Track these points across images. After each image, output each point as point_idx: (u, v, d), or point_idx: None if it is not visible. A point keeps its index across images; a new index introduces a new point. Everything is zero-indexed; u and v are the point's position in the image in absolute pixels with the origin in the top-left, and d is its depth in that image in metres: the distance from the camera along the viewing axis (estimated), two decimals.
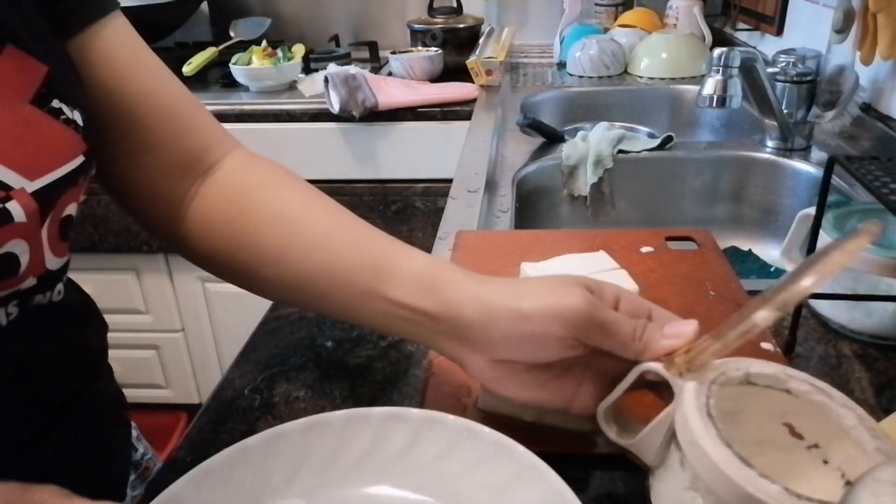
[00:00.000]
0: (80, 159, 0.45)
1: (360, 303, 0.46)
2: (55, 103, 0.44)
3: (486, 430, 0.44)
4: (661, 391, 0.39)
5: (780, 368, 0.37)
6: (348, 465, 0.45)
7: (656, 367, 0.38)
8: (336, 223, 0.53)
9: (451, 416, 0.45)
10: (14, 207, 0.40)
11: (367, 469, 0.45)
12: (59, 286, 0.47)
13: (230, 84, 1.68)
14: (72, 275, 0.54)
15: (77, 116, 0.46)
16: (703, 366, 0.36)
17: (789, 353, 0.59)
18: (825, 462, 0.35)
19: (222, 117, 1.55)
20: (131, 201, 0.54)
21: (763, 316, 0.33)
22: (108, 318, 0.60)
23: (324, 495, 0.44)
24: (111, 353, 0.58)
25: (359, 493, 0.44)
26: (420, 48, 1.72)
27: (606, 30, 1.77)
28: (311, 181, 0.55)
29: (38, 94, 0.43)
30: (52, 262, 0.45)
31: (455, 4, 1.80)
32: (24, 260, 0.42)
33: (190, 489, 0.41)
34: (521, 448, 0.43)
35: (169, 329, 1.82)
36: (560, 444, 0.49)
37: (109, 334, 0.58)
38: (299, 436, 0.44)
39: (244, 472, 0.43)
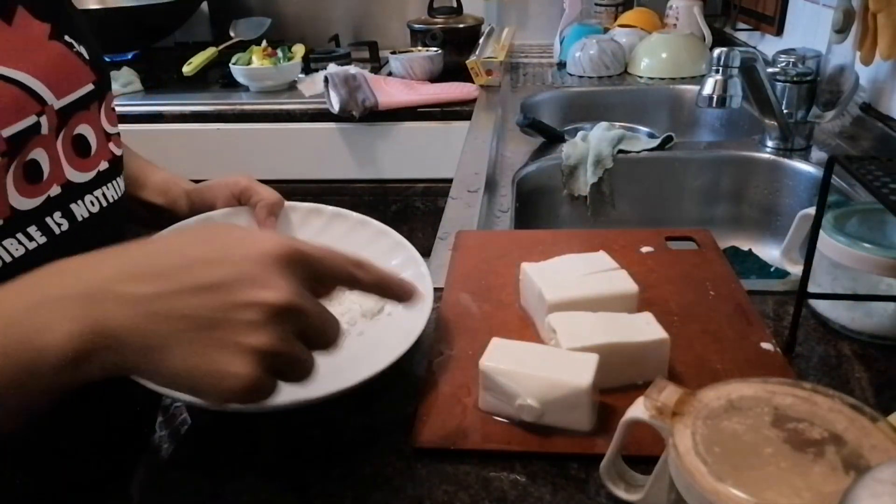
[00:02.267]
0: (89, 86, 0.55)
1: (131, 206, 0.67)
2: (66, 38, 0.54)
3: (375, 221, 0.71)
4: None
5: (760, 386, 0.37)
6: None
7: (643, 416, 0.38)
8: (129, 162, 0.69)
9: (352, 213, 0.72)
10: (44, 121, 0.49)
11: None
12: (90, 198, 0.54)
13: (230, 84, 1.68)
14: None
15: (83, 50, 0.56)
16: (686, 404, 0.36)
17: (789, 353, 0.59)
18: (828, 464, 0.34)
19: (222, 117, 1.56)
20: None
21: None
22: None
23: None
24: None
25: None
26: (420, 48, 1.72)
27: (606, 30, 1.77)
28: (312, 181, 0.61)
29: (53, 32, 0.53)
30: (73, 175, 0.53)
31: (455, 4, 1.80)
32: (46, 168, 0.50)
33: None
34: (394, 233, 0.69)
35: None
36: (560, 444, 0.49)
37: None
38: (246, 213, 0.68)
39: None
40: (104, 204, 0.56)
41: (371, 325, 0.63)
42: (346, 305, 0.64)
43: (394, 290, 0.44)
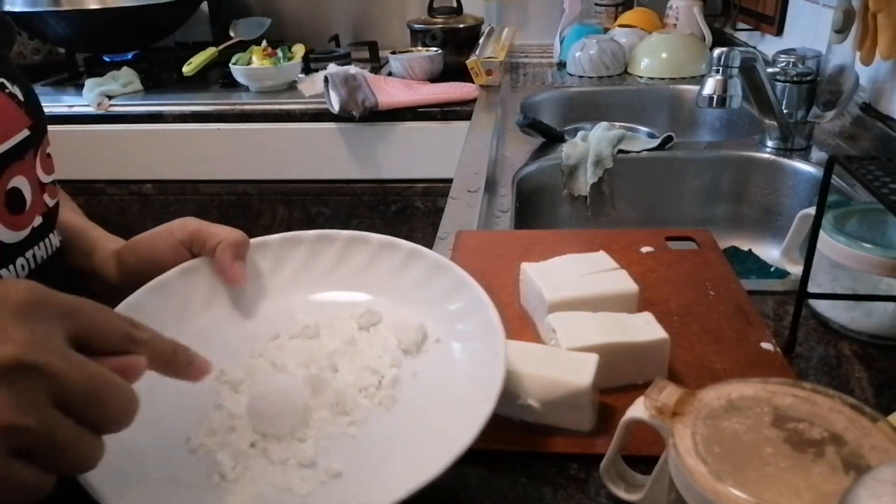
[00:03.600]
0: (24, 133, 0.48)
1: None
2: None
3: (403, 241, 0.55)
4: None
5: (760, 386, 0.37)
6: (255, 286, 0.55)
7: (643, 416, 0.38)
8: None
9: (373, 235, 0.56)
10: None
11: (273, 287, 0.56)
12: (21, 260, 0.48)
13: (230, 84, 1.68)
14: None
15: (17, 91, 0.48)
16: (686, 404, 0.36)
17: (789, 353, 0.59)
18: (828, 464, 0.35)
19: (222, 117, 1.56)
20: None
21: None
22: None
23: (271, 303, 0.55)
24: None
25: (304, 300, 0.55)
26: (420, 48, 1.72)
27: (606, 30, 1.76)
28: (312, 181, 0.59)
29: None
30: (7, 235, 0.46)
31: (455, 4, 1.80)
32: None
33: (148, 298, 0.50)
34: (430, 252, 0.55)
35: None
36: (560, 444, 0.49)
37: None
38: (207, 268, 0.54)
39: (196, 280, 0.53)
40: (33, 266, 0.49)
41: (421, 360, 0.51)
42: (378, 344, 0.51)
43: (176, 365, 0.36)
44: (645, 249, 0.75)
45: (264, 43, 1.71)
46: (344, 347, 0.51)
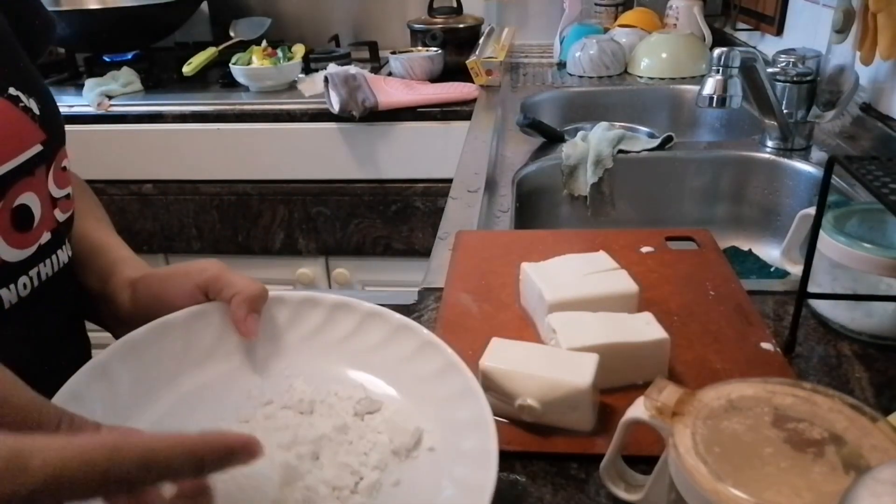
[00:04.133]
0: (37, 148, 0.46)
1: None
2: (12, 91, 0.45)
3: (394, 313, 0.52)
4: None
5: (760, 386, 0.37)
6: (267, 342, 0.52)
7: (643, 416, 0.38)
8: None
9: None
10: None
11: (285, 345, 0.53)
12: (24, 279, 0.47)
13: (230, 84, 1.68)
14: None
15: (33, 105, 0.46)
16: (686, 404, 0.36)
17: (789, 353, 0.59)
18: (828, 464, 0.35)
19: (222, 117, 1.56)
20: None
21: None
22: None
23: (274, 365, 0.52)
24: None
25: (307, 368, 0.52)
26: (420, 48, 1.72)
27: (606, 30, 1.76)
28: (312, 181, 0.57)
29: None
30: (9, 254, 0.45)
31: (455, 4, 1.80)
32: None
33: (116, 357, 0.47)
34: (422, 328, 0.51)
35: None
36: (560, 444, 0.49)
37: (108, 334, 0.58)
38: (217, 314, 0.52)
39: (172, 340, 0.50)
40: (36, 284, 0.48)
41: (408, 467, 0.45)
42: (368, 438, 0.47)
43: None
44: (645, 249, 0.75)
45: (264, 43, 1.71)
46: (332, 434, 0.46)
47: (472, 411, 0.45)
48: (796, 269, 0.81)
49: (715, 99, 0.96)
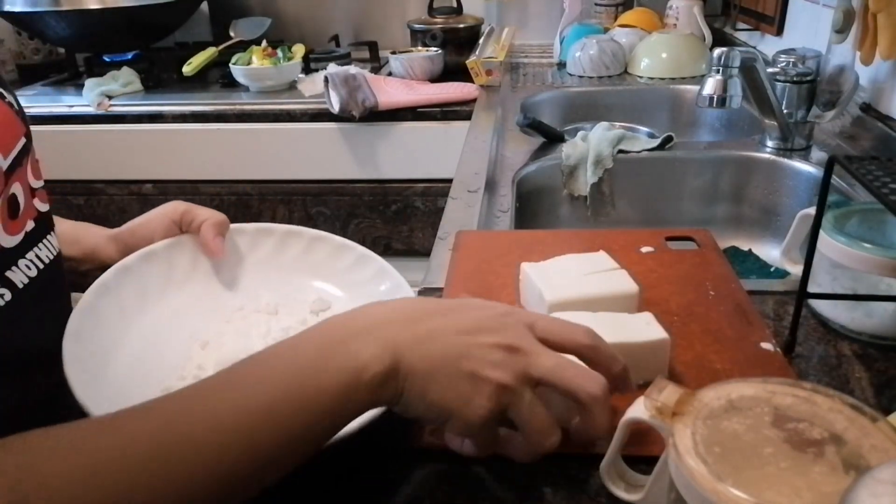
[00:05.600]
0: (22, 140, 0.50)
1: None
2: None
3: (334, 236, 0.66)
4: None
5: (760, 386, 0.37)
6: (232, 263, 0.65)
7: (643, 415, 0.38)
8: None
9: (333, 236, 0.66)
10: None
11: (247, 265, 0.66)
12: (24, 262, 0.50)
13: (230, 84, 1.68)
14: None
15: (13, 100, 0.51)
16: (686, 404, 0.36)
17: (789, 353, 0.59)
18: (828, 464, 0.35)
19: (222, 117, 1.56)
20: None
21: None
22: None
23: (241, 280, 0.65)
24: None
25: (269, 280, 0.65)
26: (420, 48, 1.72)
27: (606, 30, 1.77)
28: (312, 181, 0.60)
29: None
30: (6, 240, 0.48)
31: (455, 4, 1.80)
32: None
33: (114, 278, 0.57)
34: (357, 245, 0.66)
35: None
36: (560, 444, 0.49)
37: None
38: (190, 242, 0.64)
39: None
40: (41, 266, 0.52)
41: None
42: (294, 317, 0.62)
43: (618, 383, 0.45)
44: (645, 249, 0.75)
45: (264, 43, 1.71)
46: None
47: (391, 283, 0.61)
48: (796, 269, 0.81)
49: (715, 99, 0.96)
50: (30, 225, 0.52)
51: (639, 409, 0.39)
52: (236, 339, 0.59)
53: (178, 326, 0.59)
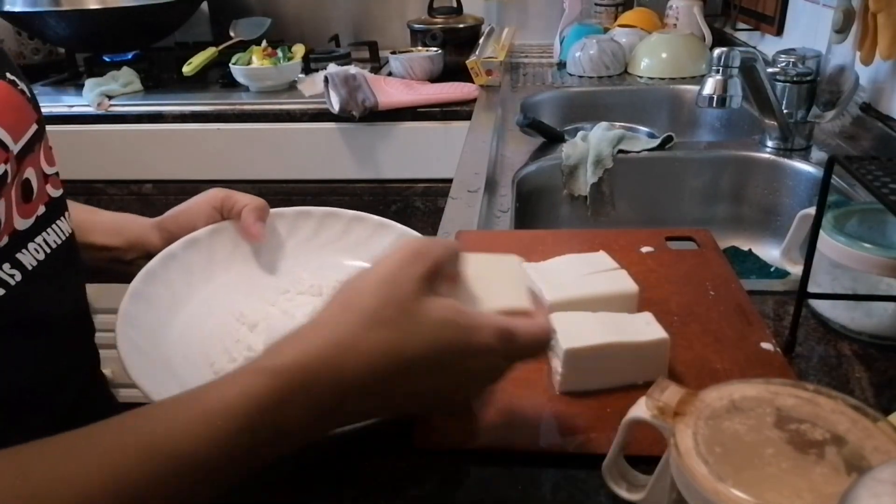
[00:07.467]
0: (34, 127, 0.52)
1: (84, 255, 0.62)
2: (9, 75, 0.50)
3: (373, 216, 0.67)
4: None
5: (762, 387, 0.37)
6: (272, 246, 0.66)
7: (644, 415, 0.38)
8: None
9: (372, 216, 0.67)
10: (9, 168, 0.46)
11: (287, 248, 0.67)
12: (33, 245, 0.52)
13: (230, 84, 1.68)
14: None
15: (25, 88, 0.52)
16: (688, 404, 0.36)
17: (789, 353, 0.59)
18: (830, 465, 0.35)
19: (222, 117, 1.56)
20: None
21: None
22: (106, 318, 0.60)
23: (284, 263, 0.66)
24: (109, 353, 0.58)
25: (311, 263, 0.66)
26: (420, 48, 1.72)
27: (606, 30, 1.77)
28: (312, 181, 0.61)
29: None
30: (20, 223, 0.50)
31: (455, 4, 1.80)
32: (2, 219, 0.47)
33: (160, 265, 0.59)
34: (397, 224, 0.68)
35: None
36: (560, 444, 0.49)
37: (108, 334, 0.59)
38: (232, 228, 0.65)
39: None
40: (48, 251, 0.53)
41: None
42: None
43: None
44: (645, 249, 0.75)
45: (264, 43, 1.71)
46: None
47: None
48: (796, 269, 0.81)
49: (715, 99, 0.96)
50: (41, 209, 0.53)
51: (640, 409, 0.39)
52: (284, 320, 0.60)
53: (225, 310, 0.61)
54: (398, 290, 0.40)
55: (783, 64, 1.08)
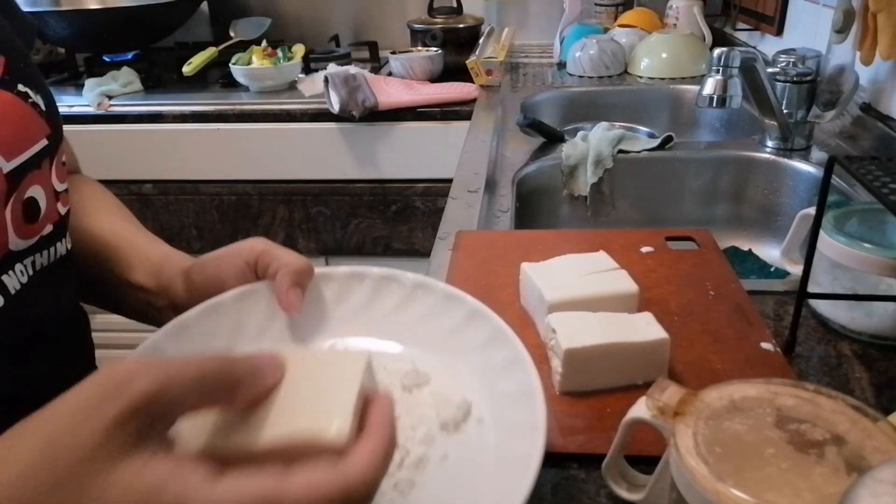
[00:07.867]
0: (44, 142, 0.49)
1: (120, 292, 0.57)
2: (21, 87, 0.48)
3: (439, 283, 0.52)
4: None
5: (762, 387, 0.37)
6: (315, 318, 0.52)
7: (644, 415, 0.38)
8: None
9: (407, 274, 0.52)
10: None
11: (333, 321, 0.53)
12: (20, 266, 0.48)
13: (230, 84, 1.68)
14: None
15: (40, 100, 0.49)
16: (688, 404, 0.36)
17: (789, 353, 0.59)
18: (830, 465, 0.35)
19: (222, 117, 1.56)
20: None
21: None
22: (107, 318, 0.60)
23: (324, 340, 0.52)
24: (108, 353, 0.58)
25: (357, 343, 0.52)
26: (420, 48, 1.72)
27: (606, 30, 1.77)
28: (312, 181, 0.57)
29: (3, 80, 0.46)
30: (17, 244, 0.47)
31: (455, 4, 1.80)
32: None
33: (168, 338, 0.47)
34: (469, 297, 0.50)
35: None
36: (560, 444, 0.49)
37: (108, 334, 0.58)
38: (267, 292, 0.51)
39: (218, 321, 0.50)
40: (31, 273, 0.49)
41: (456, 441, 0.44)
42: (415, 413, 0.45)
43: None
44: (645, 249, 0.75)
45: (264, 43, 1.71)
46: None
47: (519, 381, 0.44)
48: (796, 269, 0.81)
49: (715, 99, 0.96)
50: (48, 229, 0.50)
51: (640, 409, 0.39)
52: None
53: None
54: (67, 448, 0.28)
55: (783, 64, 1.08)
